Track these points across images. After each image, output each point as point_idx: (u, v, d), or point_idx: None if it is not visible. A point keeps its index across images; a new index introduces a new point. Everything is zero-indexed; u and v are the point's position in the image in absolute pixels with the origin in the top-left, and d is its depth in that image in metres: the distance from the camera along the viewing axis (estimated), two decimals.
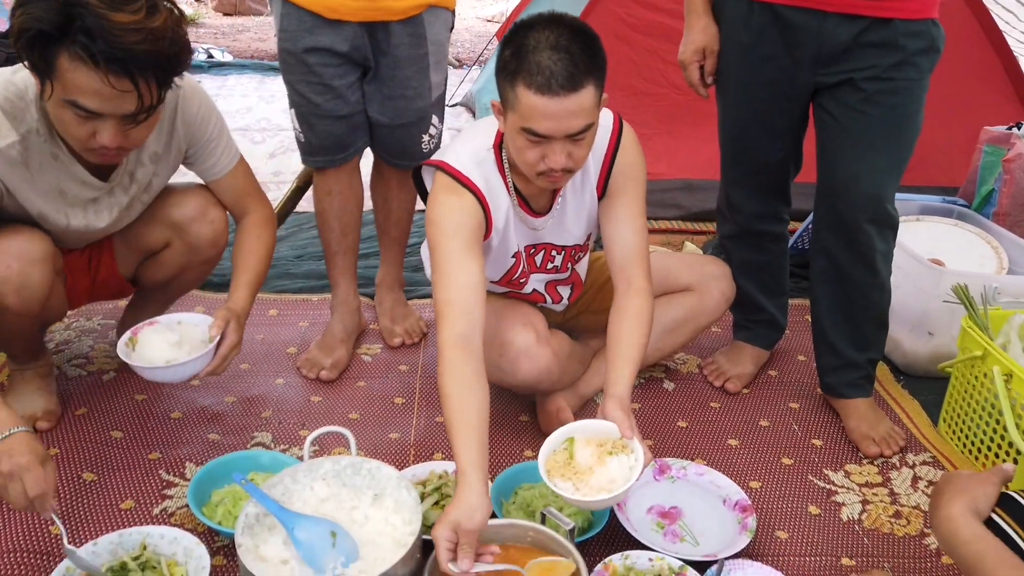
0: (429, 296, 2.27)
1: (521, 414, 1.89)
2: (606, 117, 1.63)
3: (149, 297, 1.93)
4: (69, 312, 2.19)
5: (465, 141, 1.61)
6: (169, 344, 1.56)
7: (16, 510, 1.37)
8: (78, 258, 1.73)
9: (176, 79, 1.38)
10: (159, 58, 1.29)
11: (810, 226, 2.63)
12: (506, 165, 1.58)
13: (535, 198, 1.64)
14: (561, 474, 1.37)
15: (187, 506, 1.51)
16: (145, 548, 1.36)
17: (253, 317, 2.23)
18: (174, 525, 1.48)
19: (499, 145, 1.58)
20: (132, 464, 1.66)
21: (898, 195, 1.87)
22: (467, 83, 4.73)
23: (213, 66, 5.27)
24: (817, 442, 1.84)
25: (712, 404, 1.97)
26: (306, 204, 2.89)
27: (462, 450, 1.32)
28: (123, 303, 2.06)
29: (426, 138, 1.97)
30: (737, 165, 1.93)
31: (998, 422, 1.68)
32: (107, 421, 1.78)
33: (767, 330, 2.09)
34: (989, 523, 1.07)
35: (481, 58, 5.27)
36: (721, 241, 2.08)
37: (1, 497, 1.26)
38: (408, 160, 1.97)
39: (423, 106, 1.93)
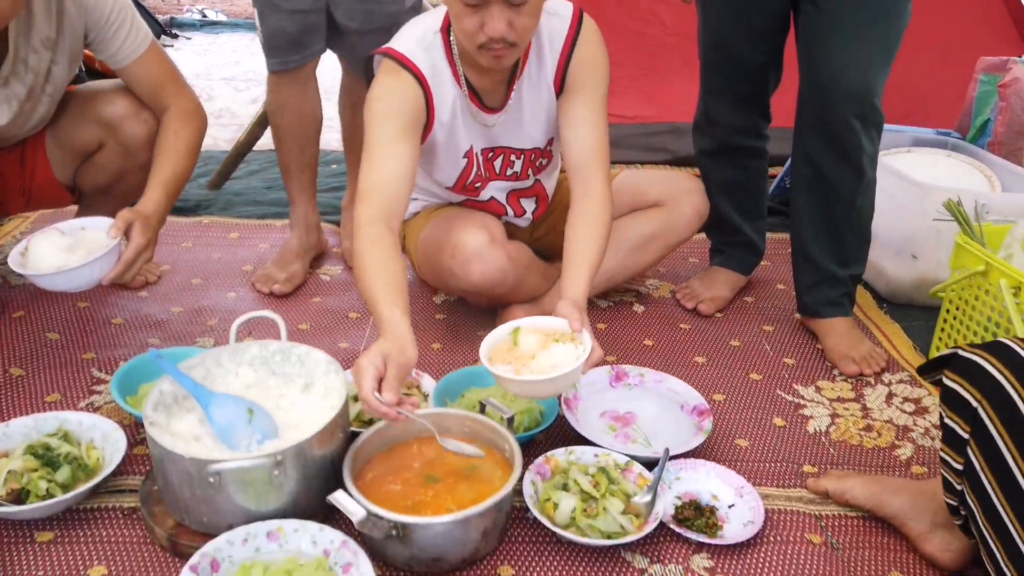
0: None
1: (479, 329, 1.80)
2: (564, 6, 1.54)
3: (93, 209, 1.85)
4: (22, 228, 2.14)
5: (412, 26, 1.52)
6: (60, 249, 1.43)
7: None
8: (7, 156, 1.65)
9: None
10: None
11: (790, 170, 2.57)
12: (455, 51, 1.49)
13: (488, 93, 1.55)
14: (503, 359, 1.28)
15: (114, 401, 1.43)
16: (61, 431, 1.29)
17: (212, 238, 2.19)
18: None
19: (448, 28, 1.49)
20: (64, 362, 1.59)
21: (889, 127, 1.77)
22: None
23: (206, 24, 5.22)
24: (789, 360, 1.75)
25: (682, 325, 1.88)
26: None
27: (385, 300, 1.22)
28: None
29: None
30: (717, 73, 1.84)
31: None
32: (44, 324, 1.71)
33: (744, 253, 2.00)
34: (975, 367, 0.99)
35: None
36: (698, 158, 1.98)
37: None
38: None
39: (396, 11, 1.83)
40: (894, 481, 1.29)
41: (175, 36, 4.98)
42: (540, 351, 1.28)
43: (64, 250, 1.43)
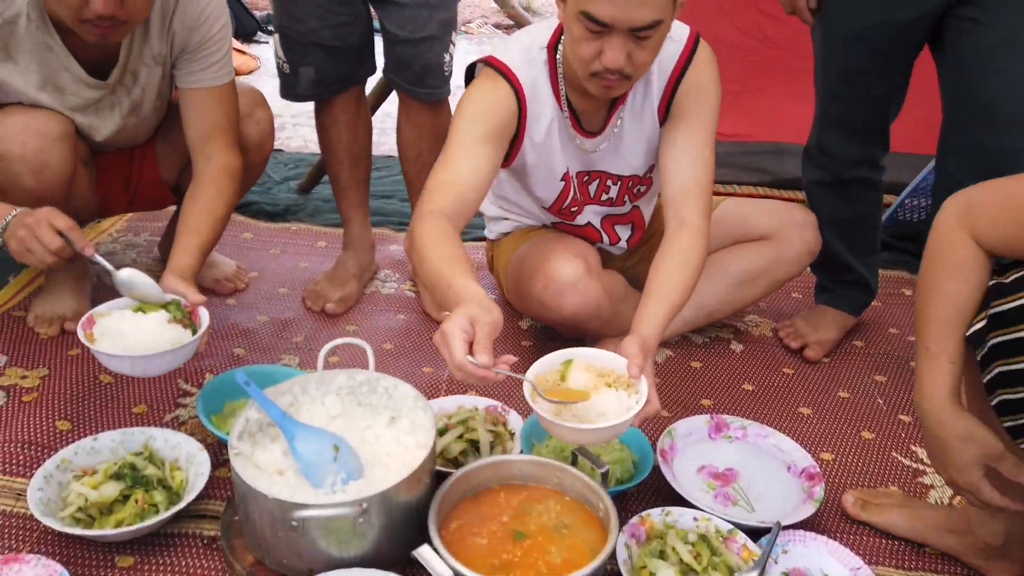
0: (475, 240, 2.13)
1: None
2: (679, 29, 1.43)
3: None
4: (117, 226, 2.17)
5: (518, 36, 1.46)
6: (155, 325, 1.31)
7: (54, 264, 1.29)
8: (116, 157, 1.66)
9: None
10: None
11: (906, 200, 2.39)
12: (560, 70, 1.41)
13: (588, 115, 1.46)
14: (548, 392, 1.14)
15: (198, 416, 1.41)
16: (147, 449, 1.27)
17: (300, 246, 2.18)
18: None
19: (555, 46, 1.41)
20: None
21: None
22: None
23: None
24: (904, 418, 1.60)
25: (785, 370, 1.75)
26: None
27: (453, 273, 1.13)
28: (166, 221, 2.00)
29: (447, 57, 1.79)
30: (837, 101, 1.69)
31: None
32: None
33: (854, 292, 1.85)
34: None
35: None
36: (807, 188, 1.85)
37: (32, 260, 1.25)
38: (432, 87, 1.80)
39: (447, 17, 1.75)
40: (933, 514, 1.27)
41: (270, 32, 5.03)
42: (589, 392, 1.16)
43: (153, 326, 1.31)
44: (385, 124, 2.81)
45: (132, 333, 1.29)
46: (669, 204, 1.43)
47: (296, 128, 3.31)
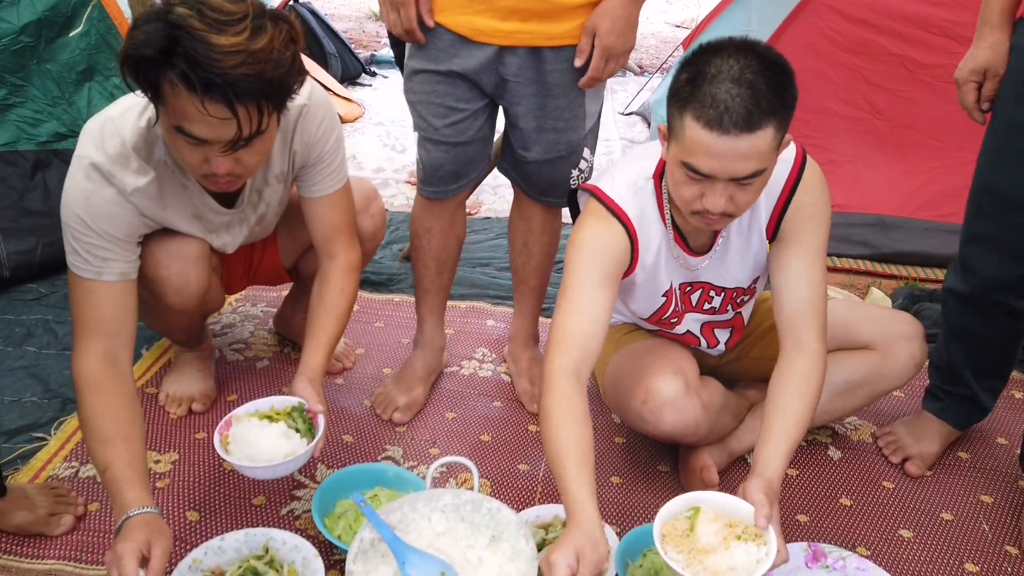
0: None
1: (660, 463, 1.75)
2: (788, 150, 1.44)
3: (306, 293, 1.97)
4: (234, 297, 2.32)
5: (625, 166, 1.50)
6: (275, 436, 1.42)
7: None
8: (240, 251, 1.79)
9: (290, 100, 1.30)
10: (260, 82, 1.19)
11: None
12: (665, 196, 1.45)
13: (694, 235, 1.49)
14: (676, 544, 1.22)
15: (311, 511, 1.52)
16: (268, 551, 1.38)
17: (403, 319, 2.27)
18: (298, 529, 1.51)
19: (660, 175, 1.45)
20: None
21: None
22: (646, 91, 4.56)
23: None
24: (1012, 550, 1.55)
25: (885, 483, 1.72)
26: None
27: (574, 478, 1.23)
28: (283, 291, 2.13)
29: (575, 172, 1.78)
30: (981, 217, 1.61)
31: None
32: None
33: (965, 407, 1.78)
34: None
35: (664, 65, 5.08)
36: (943, 293, 1.75)
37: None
38: (554, 197, 1.81)
39: (575, 139, 1.72)
40: None
41: (373, 75, 5.20)
42: (718, 546, 1.21)
43: (279, 436, 1.42)
44: (487, 182, 2.85)
45: (255, 443, 1.41)
46: (785, 325, 1.45)
47: (399, 185, 3.42)
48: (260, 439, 1.41)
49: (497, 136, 1.86)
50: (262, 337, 2.13)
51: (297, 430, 1.45)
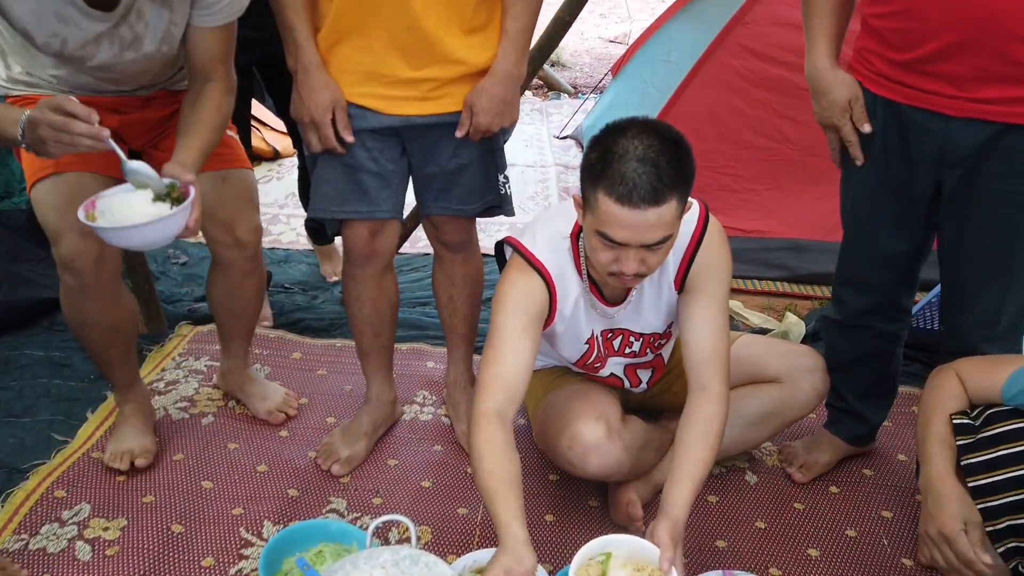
0: None
1: (590, 498, 1.87)
2: (691, 211, 1.58)
3: (229, 326, 2.02)
4: (177, 351, 2.36)
5: (545, 224, 1.62)
6: (143, 202, 1.45)
7: (82, 146, 1.37)
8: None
9: None
10: None
11: (934, 299, 2.43)
12: (582, 255, 1.58)
13: (609, 287, 1.62)
14: None
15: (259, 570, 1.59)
16: None
17: (345, 365, 2.32)
18: None
19: (577, 235, 1.57)
20: (216, 517, 1.76)
21: None
22: (580, 114, 4.68)
23: None
24: (908, 562, 1.71)
25: (796, 504, 1.87)
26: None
27: (502, 506, 1.35)
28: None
29: (501, 178, 1.84)
30: (851, 257, 1.77)
31: None
32: (200, 470, 1.90)
33: (854, 423, 1.94)
34: None
35: (600, 85, 5.20)
36: (821, 319, 1.94)
37: (63, 143, 1.33)
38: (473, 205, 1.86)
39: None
40: None
41: None
42: None
43: (145, 200, 1.46)
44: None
45: (121, 208, 1.44)
46: (691, 370, 1.58)
47: (290, 220, 3.40)
48: (128, 204, 1.44)
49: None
50: (207, 393, 2.18)
51: (168, 202, 1.47)
